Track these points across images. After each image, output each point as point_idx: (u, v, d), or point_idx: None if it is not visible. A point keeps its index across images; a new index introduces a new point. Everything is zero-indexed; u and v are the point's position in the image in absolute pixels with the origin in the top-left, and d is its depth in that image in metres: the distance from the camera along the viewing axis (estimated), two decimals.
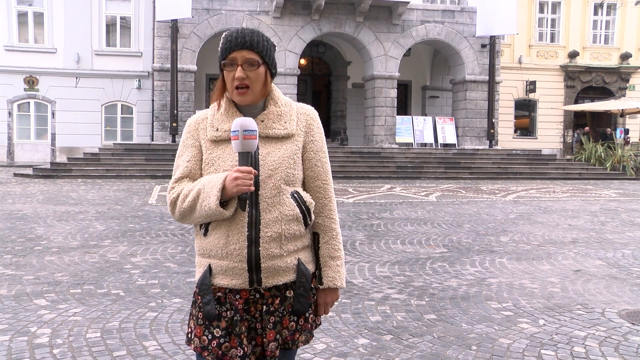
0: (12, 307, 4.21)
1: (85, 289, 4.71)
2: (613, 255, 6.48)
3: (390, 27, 20.72)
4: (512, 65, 24.33)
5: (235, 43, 1.74)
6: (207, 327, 1.78)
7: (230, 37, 1.76)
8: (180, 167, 1.83)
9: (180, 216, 1.78)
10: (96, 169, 16.63)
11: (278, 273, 1.77)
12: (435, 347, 3.54)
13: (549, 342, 3.68)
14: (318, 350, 3.46)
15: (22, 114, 21.11)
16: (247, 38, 1.74)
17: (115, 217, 8.71)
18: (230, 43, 1.75)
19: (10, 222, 8.11)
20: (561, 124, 25.39)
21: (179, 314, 4.10)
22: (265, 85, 1.80)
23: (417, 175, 18.01)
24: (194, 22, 19.16)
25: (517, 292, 4.85)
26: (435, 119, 21.98)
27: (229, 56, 1.75)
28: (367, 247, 6.69)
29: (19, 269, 5.36)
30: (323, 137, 1.91)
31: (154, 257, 5.96)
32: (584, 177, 19.19)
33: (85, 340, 3.57)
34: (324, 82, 25.04)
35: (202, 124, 1.84)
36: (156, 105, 19.85)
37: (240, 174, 1.64)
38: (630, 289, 5.01)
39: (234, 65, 1.74)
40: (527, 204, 11.54)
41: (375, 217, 9.18)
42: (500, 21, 19.68)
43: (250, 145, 1.65)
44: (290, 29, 20.01)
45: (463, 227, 8.33)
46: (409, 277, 5.30)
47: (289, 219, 1.77)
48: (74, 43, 20.83)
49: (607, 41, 25.80)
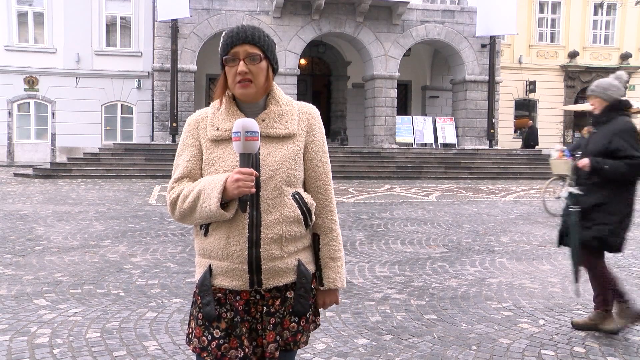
0: (12, 307, 4.20)
1: (85, 289, 4.71)
2: (613, 255, 6.47)
3: (390, 27, 20.72)
4: (512, 65, 24.33)
5: (237, 38, 1.73)
6: (207, 327, 1.77)
7: (232, 32, 1.76)
8: (180, 167, 1.81)
9: (180, 217, 1.77)
10: (96, 169, 16.63)
11: (278, 274, 1.76)
12: (435, 347, 3.54)
13: (549, 342, 3.68)
14: (318, 350, 3.46)
15: (22, 114, 21.10)
16: (248, 33, 1.74)
17: (115, 217, 8.71)
18: (231, 38, 1.74)
19: (10, 222, 8.11)
20: (561, 124, 25.39)
21: (179, 314, 4.10)
22: (267, 80, 1.79)
23: (417, 175, 18.01)
24: (194, 22, 19.16)
25: (517, 292, 4.85)
26: (435, 119, 21.98)
27: (231, 51, 1.74)
28: (367, 247, 6.69)
29: (19, 269, 5.36)
30: (324, 136, 1.89)
31: (154, 257, 5.96)
32: None
33: (85, 340, 3.57)
34: (324, 82, 25.03)
35: (202, 123, 1.82)
36: (156, 105, 19.85)
37: (242, 176, 1.63)
38: (630, 289, 5.00)
39: (236, 60, 1.74)
40: (527, 204, 11.53)
41: (375, 217, 9.18)
42: (500, 21, 19.67)
43: (252, 146, 1.64)
44: (290, 29, 20.01)
45: (463, 227, 8.33)
46: (409, 277, 5.30)
47: (290, 221, 1.76)
48: (74, 43, 20.83)
49: (607, 41, 25.80)
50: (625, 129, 3.68)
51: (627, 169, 3.60)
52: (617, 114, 3.77)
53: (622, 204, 3.71)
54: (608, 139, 3.69)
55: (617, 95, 3.80)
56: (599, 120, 3.84)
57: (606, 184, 3.69)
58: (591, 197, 3.73)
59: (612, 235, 3.69)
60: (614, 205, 3.69)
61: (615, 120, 3.75)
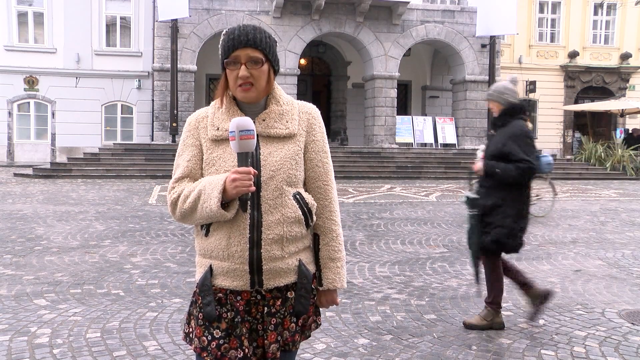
0: (12, 307, 4.21)
1: (85, 289, 4.71)
2: (613, 255, 6.48)
3: (390, 27, 20.72)
4: (512, 65, 24.31)
5: (239, 41, 1.71)
6: (207, 328, 1.77)
7: (233, 34, 1.72)
8: (181, 167, 1.81)
9: (181, 217, 1.77)
10: (96, 169, 16.63)
11: (279, 275, 1.76)
12: (435, 347, 3.54)
13: (549, 342, 3.68)
14: (318, 350, 3.46)
15: (22, 114, 21.09)
16: (250, 36, 1.71)
17: (115, 217, 8.71)
18: (233, 41, 1.71)
19: (10, 222, 8.11)
20: (561, 124, 25.38)
21: (179, 314, 4.10)
22: (269, 82, 1.78)
23: (417, 175, 18.01)
24: (194, 22, 19.16)
25: (517, 292, 4.85)
26: (435, 119, 21.98)
27: (232, 54, 1.71)
28: (367, 247, 6.69)
29: (19, 269, 5.36)
30: (325, 136, 1.88)
31: (154, 257, 5.96)
32: (584, 177, 19.19)
33: (85, 340, 3.57)
34: (324, 82, 25.03)
35: (203, 123, 1.81)
36: (156, 105, 19.86)
37: (239, 175, 1.62)
38: (630, 289, 5.01)
39: (237, 63, 1.72)
40: None
41: (375, 217, 9.18)
42: (500, 21, 19.66)
43: (247, 145, 1.62)
44: (290, 29, 20.01)
45: (463, 227, 8.31)
46: (409, 277, 5.30)
47: (291, 221, 1.75)
48: (74, 43, 20.82)
49: (607, 41, 25.79)
50: (517, 133, 3.77)
51: (517, 173, 3.69)
52: (513, 118, 3.86)
53: (516, 205, 3.79)
54: (502, 142, 3.78)
55: (512, 99, 3.88)
56: (496, 124, 3.94)
57: (501, 186, 3.78)
58: (488, 199, 3.82)
59: (509, 238, 3.78)
60: (509, 207, 3.77)
61: (510, 124, 3.83)
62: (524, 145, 3.73)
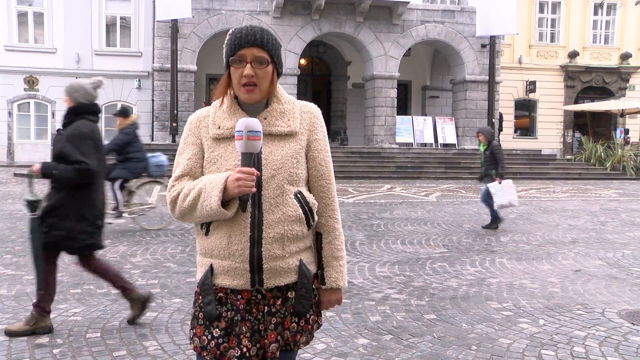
0: (12, 307, 4.21)
1: (85, 289, 4.71)
2: (613, 255, 6.48)
3: (390, 27, 20.72)
4: (512, 65, 24.31)
5: (246, 40, 1.71)
6: (207, 327, 1.77)
7: (240, 33, 1.73)
8: (181, 165, 1.81)
9: (181, 215, 1.77)
10: None
11: (280, 274, 1.76)
12: (435, 347, 3.54)
13: (549, 342, 3.68)
14: (318, 350, 3.46)
15: (22, 114, 21.08)
16: (257, 36, 1.72)
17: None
18: (240, 40, 1.72)
19: (10, 222, 8.11)
20: (561, 124, 25.38)
21: (179, 314, 4.10)
22: (272, 84, 1.78)
23: (417, 175, 18.01)
24: (194, 22, 19.15)
25: (517, 292, 4.85)
26: (435, 119, 21.98)
27: (238, 52, 1.72)
28: (367, 247, 6.69)
29: (19, 269, 5.36)
30: (326, 135, 1.89)
31: (154, 257, 5.96)
32: (584, 177, 19.19)
33: (85, 340, 3.57)
34: (324, 82, 25.03)
35: (204, 122, 1.81)
36: (156, 105, 19.86)
37: (243, 175, 1.62)
38: (630, 289, 5.01)
39: (243, 62, 1.72)
40: (527, 204, 11.53)
41: (375, 217, 9.18)
42: (500, 21, 19.66)
43: (254, 146, 1.63)
44: (290, 29, 20.00)
45: (463, 227, 8.33)
46: (409, 277, 5.30)
47: (292, 220, 1.75)
48: (74, 43, 20.81)
49: (607, 41, 25.79)
50: (75, 133, 3.66)
51: (74, 174, 3.59)
52: (77, 117, 3.75)
53: (77, 207, 3.67)
54: (63, 142, 3.68)
55: (83, 99, 3.79)
56: (64, 122, 3.82)
57: (63, 187, 3.67)
58: (49, 200, 3.71)
59: (68, 240, 3.65)
60: (69, 209, 3.65)
61: (74, 124, 3.72)
62: (82, 145, 3.61)
